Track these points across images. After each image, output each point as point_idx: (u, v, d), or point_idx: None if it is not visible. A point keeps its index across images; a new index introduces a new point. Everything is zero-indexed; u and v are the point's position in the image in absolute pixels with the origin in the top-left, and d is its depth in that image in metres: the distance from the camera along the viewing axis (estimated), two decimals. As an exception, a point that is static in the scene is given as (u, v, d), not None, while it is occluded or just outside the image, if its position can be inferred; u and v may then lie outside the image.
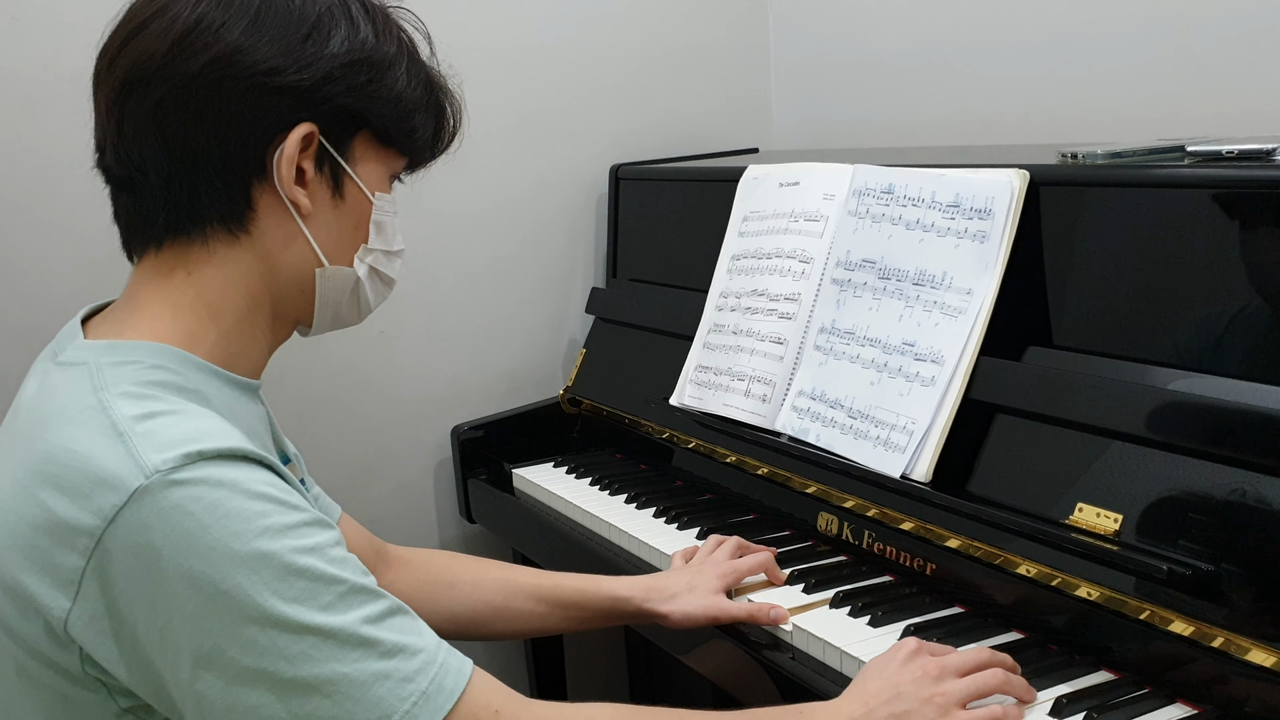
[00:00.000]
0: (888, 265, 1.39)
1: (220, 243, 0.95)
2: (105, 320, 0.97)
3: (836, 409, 1.40)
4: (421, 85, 1.02)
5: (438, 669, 0.85)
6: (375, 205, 1.01)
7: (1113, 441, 1.14)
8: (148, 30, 0.92)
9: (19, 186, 1.66)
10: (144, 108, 0.92)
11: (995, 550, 1.20)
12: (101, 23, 0.98)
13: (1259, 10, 1.50)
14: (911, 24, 1.98)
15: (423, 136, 1.04)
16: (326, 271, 1.00)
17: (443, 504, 2.06)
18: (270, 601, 0.80)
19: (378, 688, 0.82)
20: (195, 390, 0.90)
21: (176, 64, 0.91)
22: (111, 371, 0.88)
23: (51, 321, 1.61)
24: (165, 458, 0.80)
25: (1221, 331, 1.11)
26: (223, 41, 0.91)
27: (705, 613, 1.25)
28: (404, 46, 1.01)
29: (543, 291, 2.11)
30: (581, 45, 2.08)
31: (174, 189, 0.93)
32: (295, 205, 0.95)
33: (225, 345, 0.96)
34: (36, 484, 0.83)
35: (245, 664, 0.80)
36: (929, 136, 1.96)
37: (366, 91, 0.96)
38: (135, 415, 0.84)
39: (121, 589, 0.80)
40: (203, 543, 0.79)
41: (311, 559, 0.82)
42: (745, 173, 1.69)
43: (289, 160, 0.93)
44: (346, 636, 0.82)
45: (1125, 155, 1.25)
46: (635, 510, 1.62)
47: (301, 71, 0.92)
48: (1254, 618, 0.99)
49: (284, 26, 0.93)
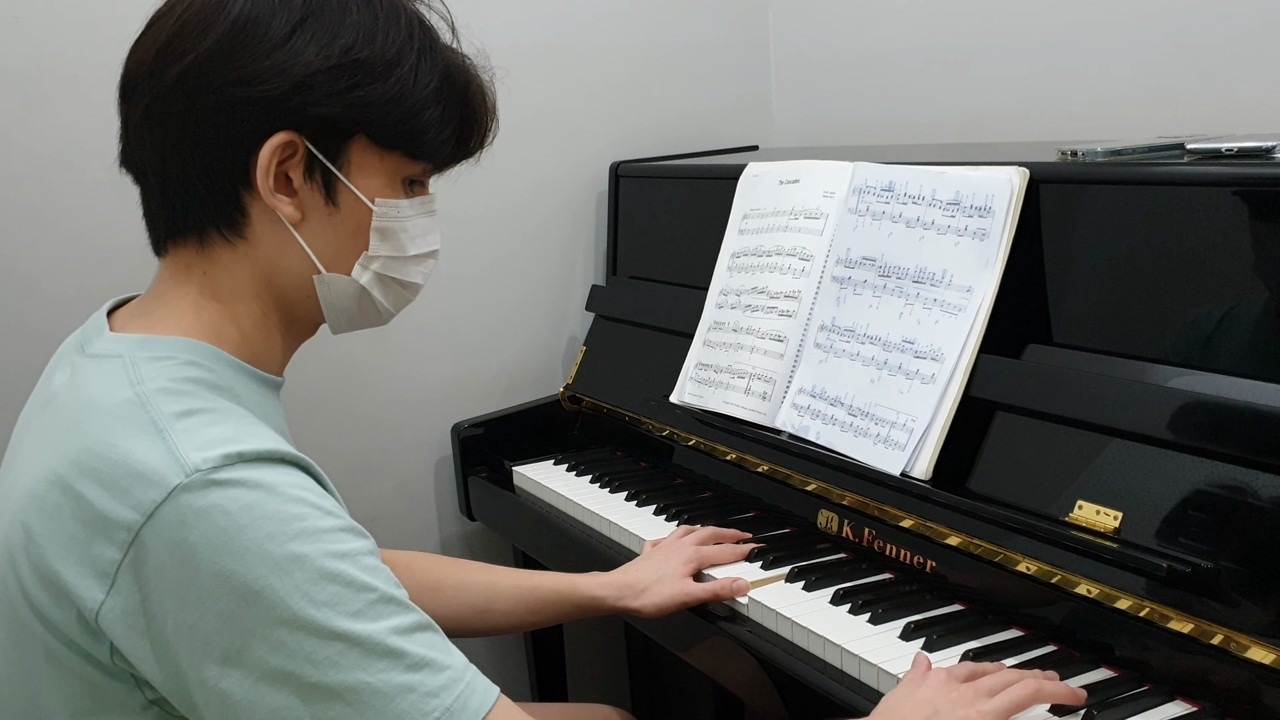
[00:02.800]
0: (888, 263, 1.39)
1: (221, 248, 0.95)
2: (132, 314, 0.97)
3: (836, 406, 1.40)
4: (434, 82, 0.96)
5: (464, 687, 0.84)
6: (376, 212, 0.97)
7: (1112, 439, 1.14)
8: (147, 33, 0.93)
9: (18, 185, 1.66)
10: (136, 115, 0.93)
11: (995, 548, 1.20)
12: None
13: (1258, 8, 1.50)
14: (912, 22, 1.98)
15: (438, 136, 0.98)
16: (325, 278, 0.98)
17: (443, 502, 2.06)
18: (301, 604, 0.79)
19: (401, 700, 0.81)
20: (227, 388, 0.91)
21: (157, 74, 0.91)
22: (147, 366, 0.88)
23: (51, 319, 1.61)
24: (206, 457, 0.81)
25: (1221, 329, 1.11)
26: (195, 51, 0.90)
27: (674, 600, 1.29)
28: (413, 41, 0.95)
29: (543, 289, 2.11)
30: (582, 42, 2.08)
31: (169, 194, 0.94)
32: (281, 214, 0.94)
33: (248, 344, 0.96)
34: (75, 475, 0.83)
35: (272, 664, 0.80)
36: (929, 134, 1.96)
37: (349, 98, 0.92)
38: (175, 412, 0.84)
39: (155, 585, 0.80)
40: (238, 542, 0.79)
41: (344, 564, 0.82)
42: (745, 170, 1.69)
43: (264, 171, 0.92)
44: (374, 645, 0.81)
45: (1125, 153, 1.25)
46: (635, 508, 1.62)
47: (270, 81, 0.90)
48: (1254, 615, 0.99)
49: (263, 30, 0.90)
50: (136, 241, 1.00)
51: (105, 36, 1.65)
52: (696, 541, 1.39)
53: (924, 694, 1.01)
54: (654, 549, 1.40)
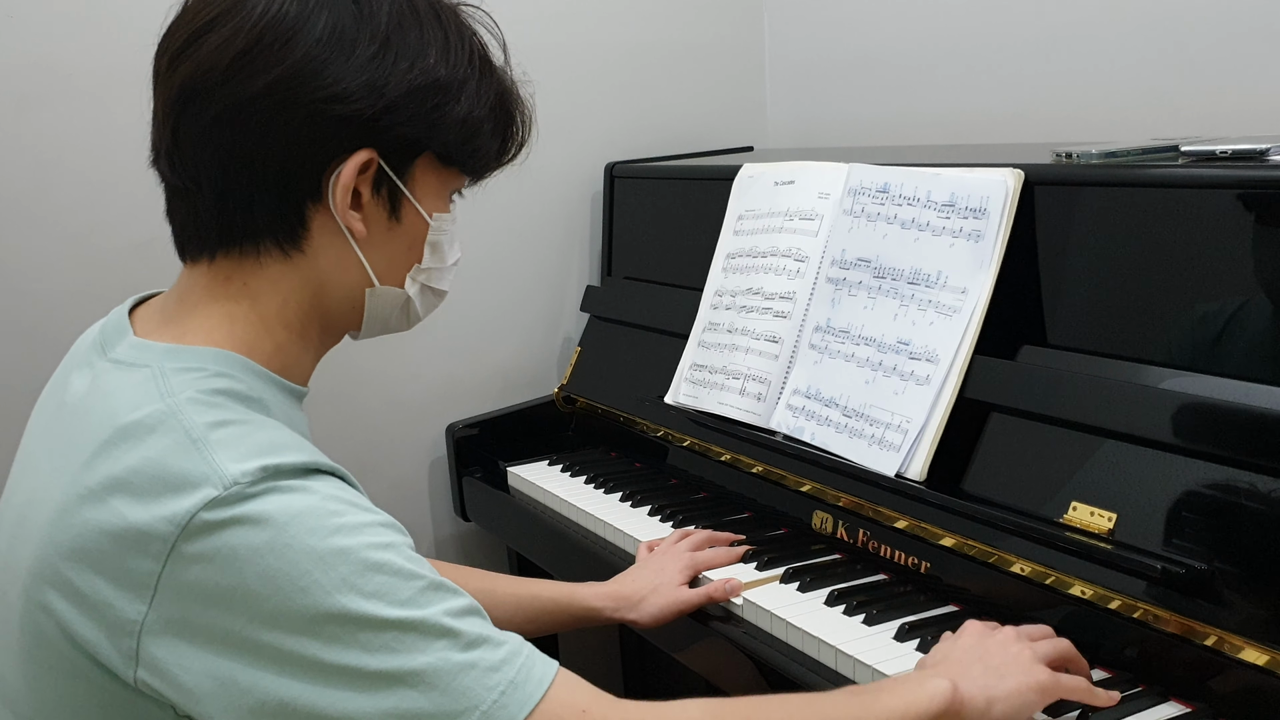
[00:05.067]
0: (883, 264, 1.39)
1: (273, 260, 0.93)
2: (157, 319, 0.95)
3: (831, 407, 1.40)
4: (490, 102, 0.97)
5: (524, 660, 0.84)
6: (432, 226, 0.98)
7: (1106, 440, 1.14)
8: (210, 36, 0.88)
9: (11, 184, 1.66)
10: (201, 121, 0.89)
11: (989, 549, 1.21)
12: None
13: (1254, 10, 1.50)
14: (907, 23, 1.98)
15: (487, 153, 1.00)
16: (377, 291, 0.98)
17: (437, 502, 2.06)
18: (349, 596, 0.79)
19: (464, 677, 0.80)
20: (258, 399, 0.89)
21: (236, 81, 0.87)
22: (177, 378, 0.86)
23: (47, 319, 1.61)
24: (244, 469, 0.80)
25: (1215, 331, 1.12)
26: (286, 62, 0.87)
27: (670, 609, 1.30)
28: (475, 60, 0.96)
29: (538, 289, 2.11)
30: (577, 43, 2.08)
31: (228, 205, 0.91)
32: (350, 230, 0.93)
33: (281, 356, 0.95)
34: (107, 491, 0.81)
35: (328, 660, 0.78)
36: (924, 135, 1.97)
37: (431, 119, 0.92)
38: (209, 423, 0.83)
39: (199, 593, 0.79)
40: (279, 541, 0.78)
41: (388, 554, 0.82)
42: (740, 171, 1.69)
43: (345, 187, 0.91)
44: (429, 627, 0.80)
45: (1119, 155, 1.25)
46: (630, 508, 1.62)
47: (364, 100, 0.89)
48: (1247, 616, 0.99)
49: (350, 46, 0.89)
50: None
51: (100, 36, 1.64)
52: (690, 546, 1.39)
53: (968, 641, 1.05)
54: (649, 556, 1.40)
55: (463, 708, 0.79)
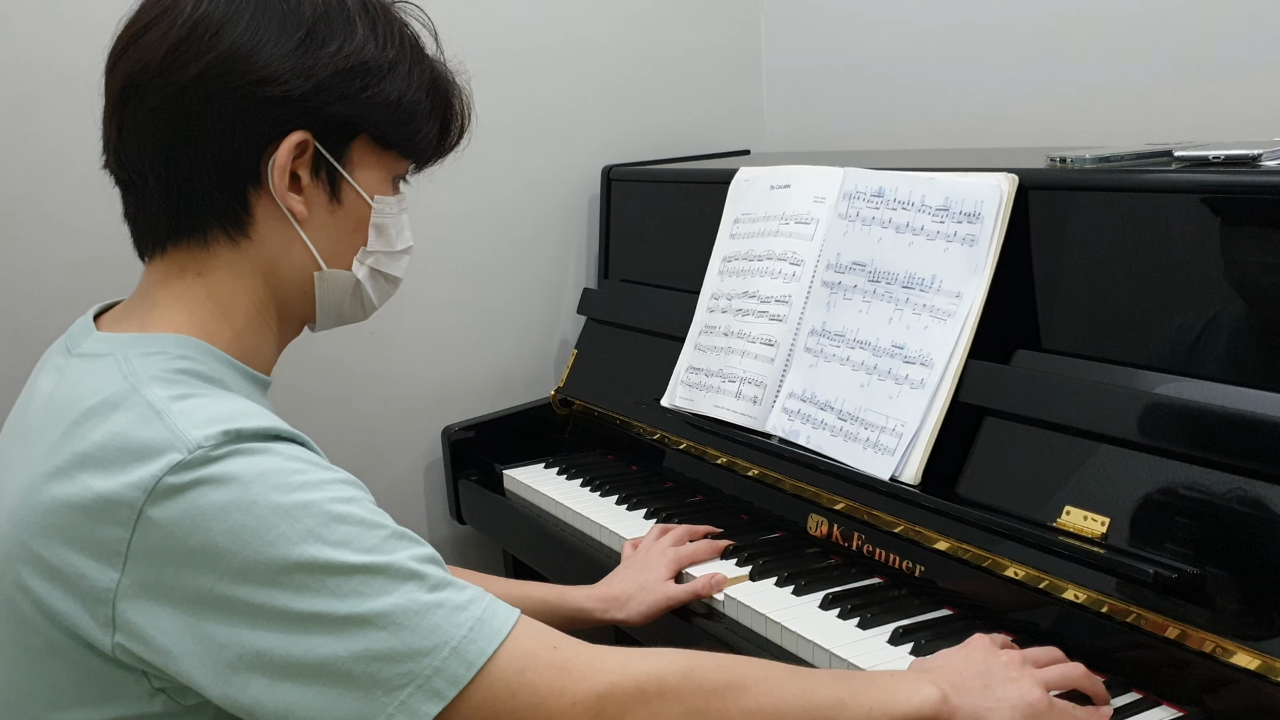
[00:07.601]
0: (877, 268, 1.39)
1: (222, 247, 0.97)
2: (120, 317, 0.98)
3: (826, 411, 1.40)
4: (425, 86, 1.01)
5: (488, 602, 0.86)
6: (375, 208, 1.02)
7: (1100, 445, 1.14)
8: (147, 35, 0.93)
9: (10, 185, 1.66)
10: (141, 114, 0.93)
11: (983, 552, 1.21)
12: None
13: (1248, 15, 1.50)
14: (903, 28, 1.99)
15: (427, 137, 1.04)
16: (325, 274, 1.01)
17: (433, 505, 2.06)
18: (316, 546, 0.81)
19: (432, 616, 0.82)
20: (219, 380, 0.92)
21: (169, 73, 0.92)
22: (139, 361, 0.89)
23: (44, 319, 1.61)
24: (206, 434, 0.82)
25: (1209, 335, 1.12)
26: (214, 50, 0.92)
27: (658, 606, 1.33)
28: (406, 47, 1.00)
29: (534, 292, 2.11)
30: (574, 46, 2.08)
31: (172, 195, 0.95)
32: (291, 212, 0.97)
33: (240, 343, 0.98)
34: (75, 467, 0.83)
35: (298, 609, 0.80)
36: (919, 140, 1.97)
37: (361, 99, 0.96)
38: (170, 396, 0.86)
39: (169, 554, 0.81)
40: (245, 498, 0.81)
41: (351, 507, 0.84)
42: (736, 175, 1.70)
43: (281, 169, 0.94)
44: (395, 571, 0.83)
45: (1113, 159, 1.25)
46: (626, 511, 1.62)
47: (292, 81, 0.93)
48: (1240, 621, 1.00)
49: (277, 33, 0.93)
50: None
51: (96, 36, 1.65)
52: (673, 542, 1.41)
53: (972, 655, 1.04)
54: (634, 554, 1.42)
55: (433, 644, 0.82)
